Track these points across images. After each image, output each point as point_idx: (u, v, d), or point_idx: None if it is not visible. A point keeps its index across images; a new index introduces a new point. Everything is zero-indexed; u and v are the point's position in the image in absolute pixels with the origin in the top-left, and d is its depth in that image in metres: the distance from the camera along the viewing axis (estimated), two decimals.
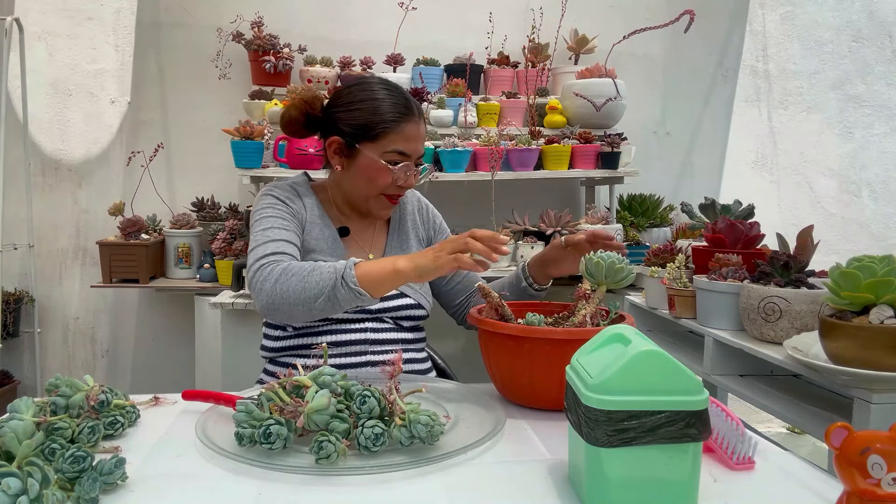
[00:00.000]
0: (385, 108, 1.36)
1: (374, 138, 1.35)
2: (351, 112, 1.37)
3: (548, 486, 0.81)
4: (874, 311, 1.21)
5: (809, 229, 1.76)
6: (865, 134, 3.34)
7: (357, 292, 1.16)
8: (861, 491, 0.66)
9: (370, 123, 1.35)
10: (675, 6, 2.69)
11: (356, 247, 1.46)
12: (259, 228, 1.34)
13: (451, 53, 2.85)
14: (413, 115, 1.37)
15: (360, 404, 0.90)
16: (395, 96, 1.38)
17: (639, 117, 3.03)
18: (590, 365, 0.78)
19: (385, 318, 1.41)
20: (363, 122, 1.35)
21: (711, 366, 1.82)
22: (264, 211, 1.38)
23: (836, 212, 3.33)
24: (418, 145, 1.39)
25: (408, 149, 1.36)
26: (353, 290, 1.16)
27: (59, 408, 0.92)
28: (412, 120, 1.37)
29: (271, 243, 1.30)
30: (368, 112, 1.36)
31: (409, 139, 1.36)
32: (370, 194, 1.39)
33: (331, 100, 1.42)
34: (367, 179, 1.37)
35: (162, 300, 2.92)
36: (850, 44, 3.31)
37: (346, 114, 1.37)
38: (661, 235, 2.81)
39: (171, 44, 2.88)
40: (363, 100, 1.37)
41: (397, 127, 1.35)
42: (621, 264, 1.13)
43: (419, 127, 1.38)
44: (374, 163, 1.35)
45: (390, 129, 1.35)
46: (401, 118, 1.36)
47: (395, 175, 1.36)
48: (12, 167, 2.64)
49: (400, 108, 1.36)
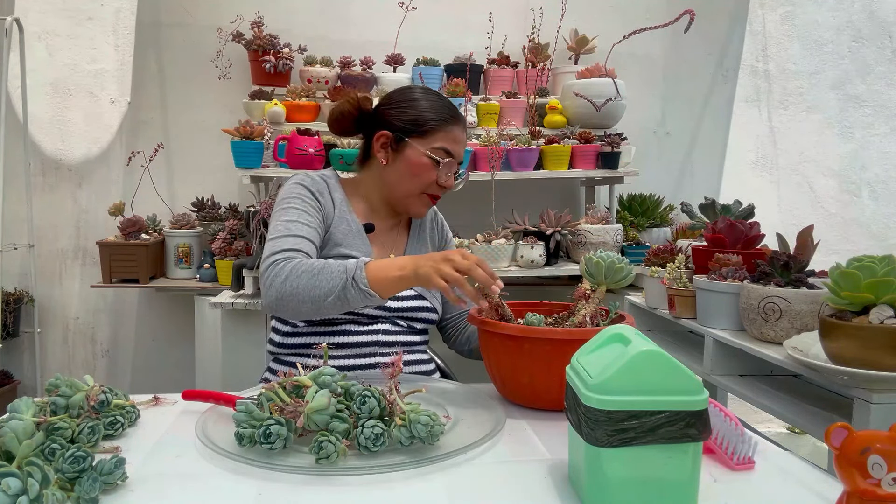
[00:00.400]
0: (436, 107, 1.43)
1: (424, 134, 1.40)
2: (403, 108, 1.43)
3: (548, 486, 0.81)
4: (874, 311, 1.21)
5: (809, 229, 1.76)
6: (865, 134, 3.34)
7: (367, 293, 1.17)
8: (861, 491, 0.66)
9: (421, 119, 1.41)
10: (675, 6, 2.69)
11: (380, 244, 1.47)
12: (283, 218, 1.34)
13: (451, 53, 2.85)
14: (460, 121, 1.45)
15: (360, 404, 0.90)
16: (445, 101, 1.46)
17: (639, 117, 3.03)
18: (590, 365, 0.78)
19: (398, 321, 1.42)
20: (414, 118, 1.41)
21: (711, 366, 1.82)
22: (293, 200, 1.38)
23: (836, 212, 3.33)
24: (461, 149, 1.44)
25: (453, 150, 1.42)
26: (362, 290, 1.17)
27: (59, 408, 0.92)
28: (458, 125, 1.44)
29: (290, 238, 1.30)
30: (420, 109, 1.42)
31: (456, 141, 1.43)
32: (412, 191, 1.42)
33: (381, 100, 1.48)
34: (412, 174, 1.41)
35: (162, 300, 2.92)
36: (850, 44, 3.31)
37: (397, 110, 1.43)
38: (661, 235, 2.81)
39: (171, 44, 2.88)
40: (416, 99, 1.44)
41: (446, 126, 1.41)
42: (621, 264, 1.13)
43: (463, 133, 1.46)
44: (420, 157, 1.40)
45: (439, 128, 1.41)
46: (450, 120, 1.43)
47: (439, 172, 1.40)
48: (12, 167, 2.64)
49: (450, 111, 1.44)
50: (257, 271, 2.34)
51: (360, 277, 1.17)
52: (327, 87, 2.72)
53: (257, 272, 2.34)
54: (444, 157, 1.40)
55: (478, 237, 2.56)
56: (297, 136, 2.42)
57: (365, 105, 1.46)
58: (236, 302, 2.31)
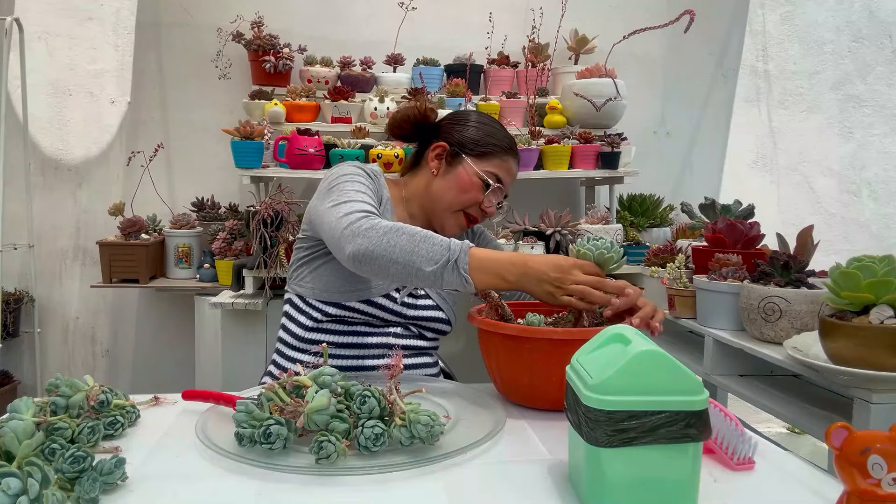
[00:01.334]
0: (499, 136, 1.46)
1: (481, 155, 1.43)
2: (466, 126, 1.46)
3: (548, 486, 0.81)
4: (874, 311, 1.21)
5: (809, 229, 1.76)
6: (865, 134, 3.34)
7: (465, 279, 1.09)
8: (861, 491, 0.66)
9: (482, 141, 1.44)
10: (675, 6, 2.69)
11: None
12: (352, 188, 1.27)
13: (451, 53, 2.85)
14: (517, 156, 1.49)
15: (360, 404, 0.90)
16: (506, 132, 1.49)
17: (639, 117, 3.03)
18: (590, 365, 0.78)
19: (411, 327, 1.43)
20: (476, 138, 1.44)
21: (711, 366, 1.82)
22: (358, 177, 1.33)
23: (836, 212, 3.33)
24: (511, 182, 1.48)
25: (504, 179, 1.45)
26: (462, 276, 1.09)
27: (59, 408, 0.92)
28: (515, 158, 1.48)
29: (367, 204, 1.23)
30: (484, 133, 1.45)
31: (509, 173, 1.46)
32: (454, 206, 1.43)
33: (446, 116, 1.53)
34: (460, 189, 1.42)
35: (162, 300, 2.92)
36: (850, 44, 3.31)
37: (460, 126, 1.47)
38: (661, 235, 2.81)
39: (171, 44, 2.88)
40: (482, 122, 1.48)
41: (504, 155, 1.45)
42: (610, 252, 1.13)
43: (516, 167, 1.49)
44: (472, 176, 1.42)
45: (497, 155, 1.44)
46: (509, 151, 1.46)
47: (486, 195, 1.42)
48: (12, 167, 2.64)
49: (510, 142, 1.48)
50: (257, 271, 2.34)
51: (463, 262, 1.09)
52: (327, 87, 2.72)
53: (257, 272, 2.34)
54: (494, 181, 1.42)
55: None
56: (297, 136, 2.42)
57: (430, 115, 1.50)
58: (236, 302, 2.31)
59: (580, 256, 1.14)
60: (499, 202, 1.46)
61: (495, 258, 1.11)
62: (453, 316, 1.50)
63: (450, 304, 1.49)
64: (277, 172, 2.46)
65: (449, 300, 1.49)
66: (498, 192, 1.44)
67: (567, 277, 1.07)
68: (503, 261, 1.10)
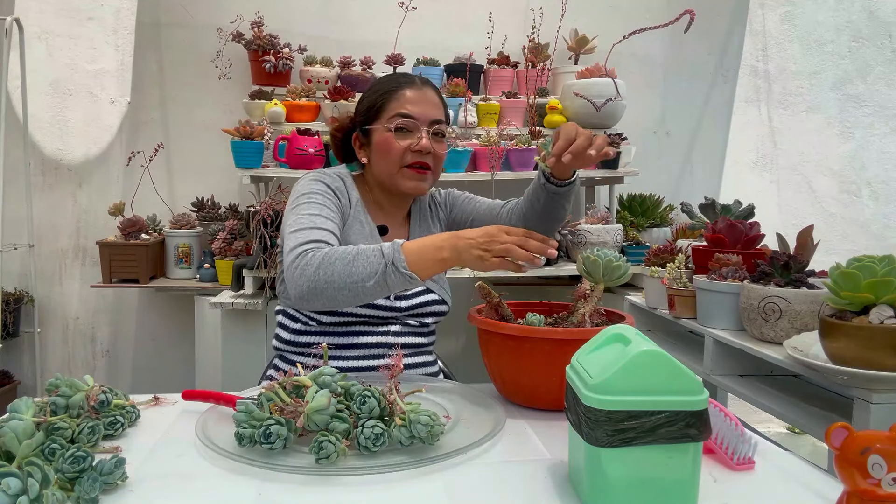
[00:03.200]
0: (381, 85, 1.42)
1: (378, 114, 1.39)
2: (359, 105, 1.45)
3: (548, 486, 0.81)
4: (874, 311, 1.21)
5: (809, 229, 1.76)
6: (865, 134, 3.34)
7: (408, 276, 1.12)
8: (861, 491, 0.66)
9: (371, 103, 1.41)
10: (675, 6, 2.69)
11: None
12: (305, 212, 1.29)
13: (451, 53, 2.85)
14: (413, 83, 1.40)
15: (360, 404, 0.90)
16: (393, 76, 1.44)
17: (639, 117, 3.03)
18: (590, 365, 0.78)
19: (409, 321, 1.41)
20: (367, 106, 1.42)
21: (711, 366, 1.82)
22: (314, 196, 1.34)
23: (836, 212, 3.33)
24: (424, 108, 1.38)
25: (411, 111, 1.36)
26: (403, 274, 1.12)
27: (59, 408, 0.92)
28: (412, 86, 1.39)
29: (315, 230, 1.25)
30: (370, 94, 1.42)
31: (411, 101, 1.37)
32: (391, 169, 1.39)
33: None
34: (383, 154, 1.38)
35: (162, 300, 2.92)
36: (850, 44, 3.31)
37: (356, 109, 1.46)
38: (661, 235, 2.81)
39: (171, 44, 2.88)
40: (367, 90, 1.45)
41: (395, 94, 1.38)
42: (618, 262, 1.13)
43: (424, 92, 1.40)
44: (382, 134, 1.38)
45: (389, 98, 1.38)
46: (399, 86, 1.39)
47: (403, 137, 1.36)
48: (12, 167, 2.64)
49: (394, 81, 1.41)
50: (257, 271, 2.34)
51: (400, 261, 1.12)
52: (327, 87, 2.72)
53: (257, 272, 2.34)
54: (404, 123, 1.36)
55: None
56: (297, 136, 2.42)
57: (344, 122, 1.50)
58: (236, 302, 2.31)
59: (590, 263, 1.14)
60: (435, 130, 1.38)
61: (427, 244, 1.13)
62: (447, 294, 1.47)
63: (440, 284, 1.46)
64: (277, 172, 2.46)
65: (438, 280, 1.46)
66: (411, 124, 1.36)
67: (493, 240, 1.10)
68: (436, 243, 1.13)
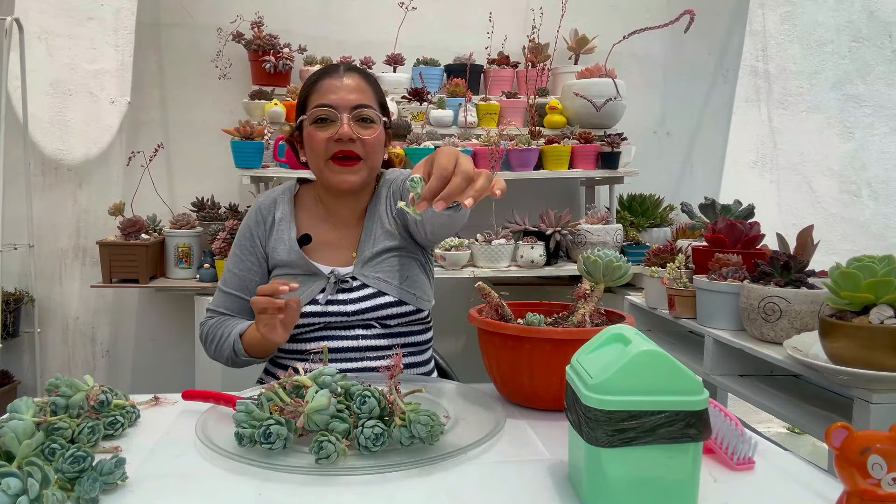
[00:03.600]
0: (307, 81, 1.38)
1: (303, 109, 1.37)
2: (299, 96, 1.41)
3: (548, 486, 0.81)
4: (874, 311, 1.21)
5: (809, 229, 1.76)
6: (865, 134, 3.34)
7: (253, 361, 1.34)
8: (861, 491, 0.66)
9: (299, 100, 1.39)
10: (675, 6, 2.69)
11: (323, 250, 1.40)
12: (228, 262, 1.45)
13: (451, 53, 2.85)
14: (333, 72, 1.36)
15: (360, 404, 0.90)
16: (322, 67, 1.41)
17: (639, 117, 3.03)
18: (590, 365, 0.78)
19: (373, 323, 1.36)
20: (299, 102, 1.39)
21: (711, 366, 1.82)
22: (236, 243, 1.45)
23: (836, 212, 3.33)
24: (342, 94, 1.32)
25: (327, 100, 1.32)
26: (248, 360, 1.33)
27: (59, 408, 0.92)
28: (332, 75, 1.35)
29: (219, 294, 1.45)
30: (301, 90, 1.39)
31: (328, 91, 1.33)
32: (318, 164, 1.35)
33: None
34: (310, 150, 1.36)
35: (162, 300, 2.92)
36: (850, 44, 3.31)
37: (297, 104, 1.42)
38: (661, 235, 2.81)
39: (171, 44, 2.88)
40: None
41: (315, 86, 1.35)
42: (619, 262, 1.13)
43: (342, 79, 1.34)
44: (307, 130, 1.35)
45: (311, 92, 1.36)
46: (319, 77, 1.36)
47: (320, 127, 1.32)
48: (12, 167, 2.64)
49: (320, 71, 1.38)
50: None
51: (240, 351, 1.31)
52: None
53: None
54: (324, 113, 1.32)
55: (478, 237, 2.56)
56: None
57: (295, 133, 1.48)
58: None
59: (590, 263, 1.14)
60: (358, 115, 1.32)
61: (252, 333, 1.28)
62: (411, 295, 1.36)
63: (396, 284, 1.36)
64: (277, 172, 2.46)
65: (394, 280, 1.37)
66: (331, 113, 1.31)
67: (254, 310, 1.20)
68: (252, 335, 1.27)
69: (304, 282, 1.37)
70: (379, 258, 1.38)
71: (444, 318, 2.60)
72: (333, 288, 1.36)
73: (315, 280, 1.37)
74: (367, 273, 1.37)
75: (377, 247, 1.39)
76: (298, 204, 1.47)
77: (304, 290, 1.36)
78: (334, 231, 1.43)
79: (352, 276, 1.37)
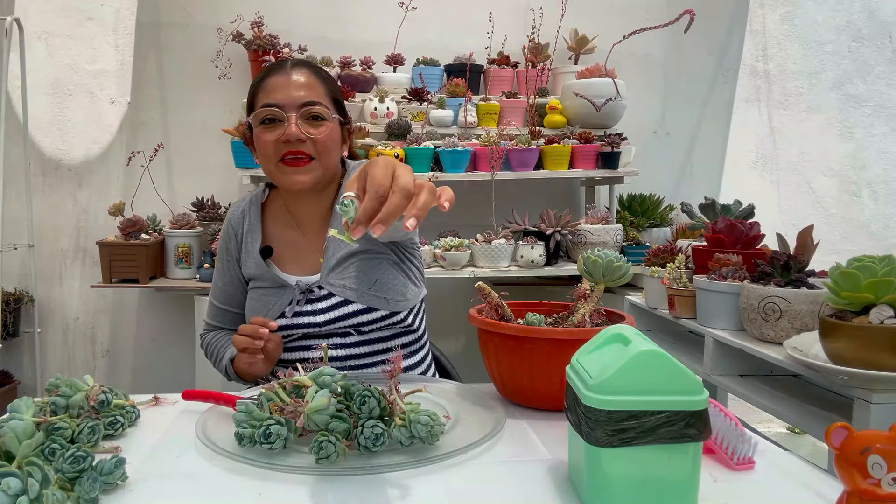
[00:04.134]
0: (255, 79, 1.32)
1: (252, 110, 1.30)
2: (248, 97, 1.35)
3: (548, 486, 0.81)
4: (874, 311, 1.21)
5: (809, 229, 1.76)
6: (865, 134, 3.34)
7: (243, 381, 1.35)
8: (861, 491, 0.66)
9: (249, 98, 1.33)
10: (675, 6, 2.69)
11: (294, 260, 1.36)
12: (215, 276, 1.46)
13: (451, 53, 2.85)
14: (280, 69, 1.28)
15: (360, 404, 0.90)
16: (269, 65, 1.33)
17: (639, 117, 3.03)
18: (590, 365, 0.78)
19: (349, 331, 1.31)
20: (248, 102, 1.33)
21: (711, 366, 1.82)
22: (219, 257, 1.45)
23: (836, 212, 3.33)
24: (288, 92, 1.25)
25: (273, 98, 1.25)
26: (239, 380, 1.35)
27: (59, 408, 0.92)
28: (278, 72, 1.28)
29: (210, 306, 1.46)
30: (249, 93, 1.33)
31: (274, 89, 1.26)
32: (269, 166, 1.28)
33: None
34: (260, 152, 1.29)
35: (162, 300, 2.92)
36: (850, 44, 3.31)
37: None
38: (661, 235, 2.81)
39: (171, 44, 2.88)
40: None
41: (262, 85, 1.29)
42: (619, 262, 1.13)
43: (289, 76, 1.27)
44: (255, 131, 1.28)
45: (258, 91, 1.29)
46: (266, 75, 1.29)
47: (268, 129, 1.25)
48: (12, 167, 2.64)
49: (267, 68, 1.30)
50: None
51: (232, 373, 1.34)
52: None
53: None
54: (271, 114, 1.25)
55: (478, 237, 2.56)
56: None
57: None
58: None
59: (590, 263, 1.14)
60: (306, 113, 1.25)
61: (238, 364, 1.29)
62: (380, 299, 1.29)
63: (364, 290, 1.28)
64: None
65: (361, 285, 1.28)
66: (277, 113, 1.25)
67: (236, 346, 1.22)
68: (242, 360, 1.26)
69: (274, 294, 1.33)
70: (344, 263, 1.31)
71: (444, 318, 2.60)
72: (301, 299, 1.31)
73: (284, 291, 1.33)
74: (332, 281, 1.30)
75: (341, 252, 1.31)
76: (267, 211, 1.42)
77: (275, 301, 1.32)
78: (301, 236, 1.38)
79: (318, 286, 1.31)
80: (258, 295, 1.36)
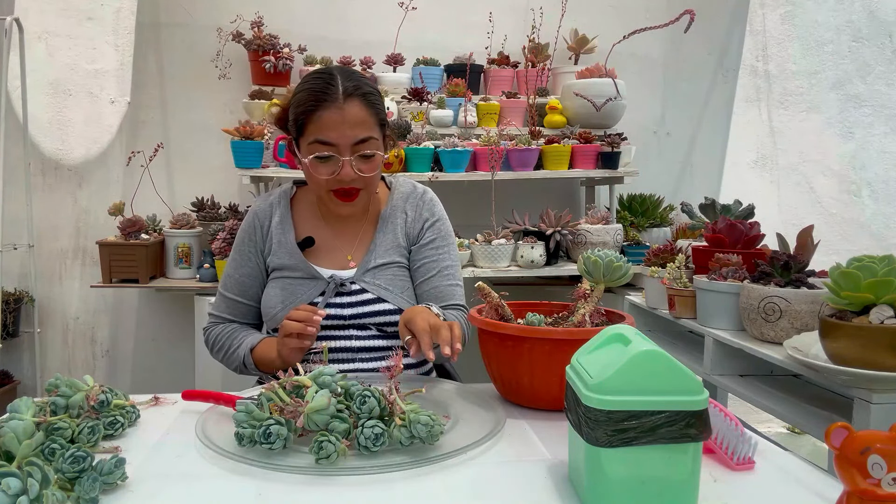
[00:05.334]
0: (303, 97, 1.27)
1: (301, 132, 1.29)
2: (292, 108, 1.31)
3: (548, 486, 0.81)
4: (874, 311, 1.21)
5: (809, 229, 1.76)
6: (865, 134, 3.34)
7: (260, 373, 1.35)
8: (861, 491, 0.66)
9: (296, 117, 1.29)
10: (675, 6, 2.69)
11: (325, 255, 1.41)
12: (227, 267, 1.45)
13: (451, 53, 2.85)
14: (331, 100, 1.24)
15: (360, 404, 0.90)
16: (318, 82, 1.26)
17: (639, 117, 3.03)
18: (590, 365, 0.78)
19: (368, 325, 1.37)
20: (293, 118, 1.30)
21: (711, 366, 1.82)
22: (235, 249, 1.45)
23: (836, 212, 3.33)
24: (342, 131, 1.24)
25: (327, 137, 1.25)
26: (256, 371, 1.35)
27: (59, 408, 0.92)
28: (330, 105, 1.24)
29: (220, 298, 1.45)
30: (295, 104, 1.29)
31: (326, 126, 1.24)
32: (321, 194, 1.33)
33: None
34: (308, 177, 1.33)
35: (162, 300, 2.91)
36: (850, 44, 3.31)
37: (290, 110, 1.33)
38: (661, 235, 2.81)
39: (171, 44, 2.88)
40: (296, 92, 1.30)
41: (313, 115, 1.25)
42: (619, 262, 1.13)
43: (342, 112, 1.24)
44: (304, 158, 1.29)
45: (307, 120, 1.26)
46: (317, 105, 1.24)
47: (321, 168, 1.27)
48: (12, 167, 2.64)
49: (317, 94, 1.25)
50: None
51: (250, 364, 1.34)
52: None
53: None
54: (322, 149, 1.25)
55: (478, 237, 2.56)
56: None
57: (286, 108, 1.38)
58: None
59: (590, 263, 1.14)
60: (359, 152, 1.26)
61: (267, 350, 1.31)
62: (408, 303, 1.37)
63: (397, 293, 1.37)
64: (277, 172, 2.46)
65: (395, 289, 1.38)
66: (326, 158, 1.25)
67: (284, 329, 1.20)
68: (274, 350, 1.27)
69: (303, 284, 1.38)
70: (383, 268, 1.40)
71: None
72: (332, 292, 1.36)
73: (314, 283, 1.38)
74: (367, 280, 1.38)
75: (385, 259, 1.40)
76: (295, 207, 1.47)
77: (304, 292, 1.37)
78: (331, 233, 1.43)
79: (351, 281, 1.38)
80: (285, 284, 1.37)
